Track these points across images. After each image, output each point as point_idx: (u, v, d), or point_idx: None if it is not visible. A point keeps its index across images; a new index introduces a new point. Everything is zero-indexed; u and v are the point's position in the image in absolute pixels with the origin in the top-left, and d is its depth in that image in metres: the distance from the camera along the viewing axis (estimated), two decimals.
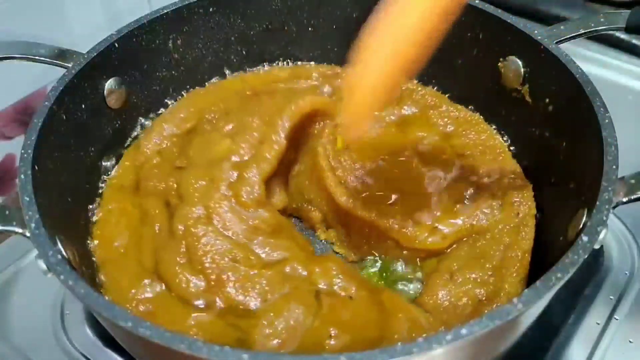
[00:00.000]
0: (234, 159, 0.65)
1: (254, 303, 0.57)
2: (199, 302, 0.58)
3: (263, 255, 0.61)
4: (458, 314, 0.58)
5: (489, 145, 0.72)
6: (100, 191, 0.68)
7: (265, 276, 0.59)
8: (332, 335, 0.54)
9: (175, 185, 0.66)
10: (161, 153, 0.71)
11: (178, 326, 0.55)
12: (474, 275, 0.60)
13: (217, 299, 0.58)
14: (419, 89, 0.79)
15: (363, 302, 0.58)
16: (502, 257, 0.61)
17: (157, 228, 0.63)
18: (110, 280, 0.60)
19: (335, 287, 0.59)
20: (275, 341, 0.54)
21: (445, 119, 0.75)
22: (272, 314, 0.55)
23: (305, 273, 0.60)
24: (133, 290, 0.59)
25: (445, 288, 0.59)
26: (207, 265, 0.59)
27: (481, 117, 0.75)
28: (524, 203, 0.65)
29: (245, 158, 0.66)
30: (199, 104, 0.76)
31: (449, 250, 0.63)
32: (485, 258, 0.62)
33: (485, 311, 0.57)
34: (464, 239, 0.64)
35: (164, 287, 0.59)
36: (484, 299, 0.58)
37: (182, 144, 0.72)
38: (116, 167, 0.71)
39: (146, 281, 0.59)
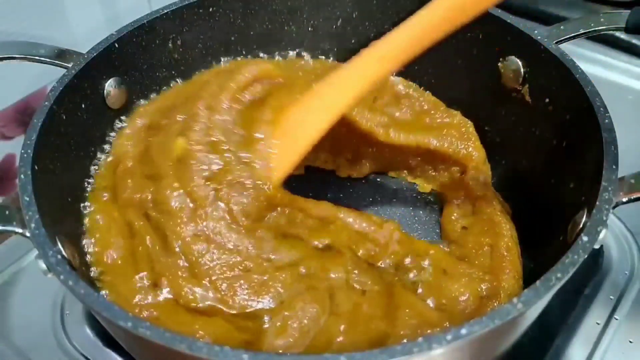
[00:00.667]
0: (194, 164, 0.60)
1: (268, 306, 0.56)
2: (207, 310, 0.56)
3: (276, 259, 0.59)
4: (461, 310, 0.58)
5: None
6: (87, 189, 0.66)
7: (279, 279, 0.57)
8: (342, 331, 0.54)
9: (150, 197, 0.61)
10: (133, 155, 0.66)
11: (183, 330, 0.53)
12: (468, 270, 0.61)
13: (228, 306, 0.56)
14: (416, 94, 0.78)
15: (375, 296, 0.58)
16: (491, 257, 0.62)
17: (148, 241, 0.59)
18: (110, 288, 0.58)
19: (351, 282, 0.58)
20: (286, 341, 0.53)
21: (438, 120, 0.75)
22: (286, 313, 0.54)
23: (320, 270, 0.59)
24: (135, 298, 0.57)
25: (443, 283, 0.60)
26: (214, 278, 0.57)
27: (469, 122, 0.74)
28: (492, 204, 0.67)
29: (214, 167, 0.60)
30: (172, 97, 0.73)
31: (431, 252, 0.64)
32: (470, 259, 0.63)
33: (488, 309, 0.58)
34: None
35: (167, 294, 0.57)
36: (484, 294, 0.59)
37: (145, 144, 0.66)
38: (97, 170, 0.67)
39: (147, 289, 0.57)
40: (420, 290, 0.61)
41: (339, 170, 0.77)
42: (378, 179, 0.78)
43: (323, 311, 0.55)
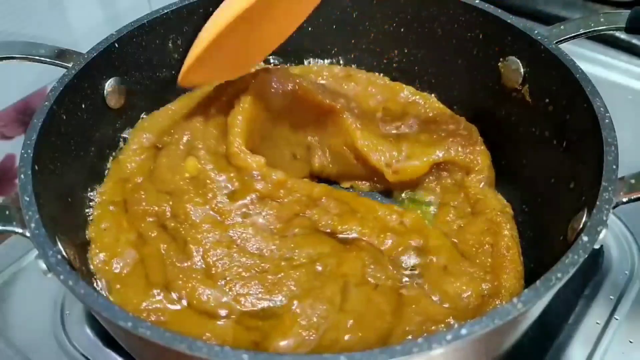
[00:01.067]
0: (210, 184, 0.64)
1: (279, 304, 0.57)
2: (218, 312, 0.57)
3: (297, 257, 0.60)
4: (465, 306, 0.58)
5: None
6: (92, 204, 0.66)
7: (294, 277, 0.58)
8: (350, 327, 0.54)
9: (168, 210, 0.64)
10: (142, 173, 0.68)
11: (191, 332, 0.54)
12: (469, 269, 0.61)
13: (240, 305, 0.57)
14: (422, 101, 0.78)
15: (386, 291, 0.58)
16: (492, 257, 0.63)
17: (162, 249, 0.61)
18: (116, 295, 0.58)
19: (366, 275, 0.59)
20: (294, 339, 0.53)
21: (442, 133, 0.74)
22: (298, 311, 0.55)
23: (335, 266, 0.59)
24: (143, 304, 0.57)
25: (445, 279, 0.60)
26: (229, 279, 0.58)
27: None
28: (492, 205, 0.68)
29: (226, 186, 0.64)
30: (178, 110, 0.75)
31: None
32: (470, 258, 0.63)
33: (490, 308, 0.58)
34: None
35: (176, 298, 0.57)
36: (486, 294, 0.59)
37: (151, 162, 0.69)
38: (104, 182, 0.68)
39: (156, 293, 0.58)
40: (425, 286, 0.61)
41: (341, 182, 0.78)
42: None
43: (332, 308, 0.55)
